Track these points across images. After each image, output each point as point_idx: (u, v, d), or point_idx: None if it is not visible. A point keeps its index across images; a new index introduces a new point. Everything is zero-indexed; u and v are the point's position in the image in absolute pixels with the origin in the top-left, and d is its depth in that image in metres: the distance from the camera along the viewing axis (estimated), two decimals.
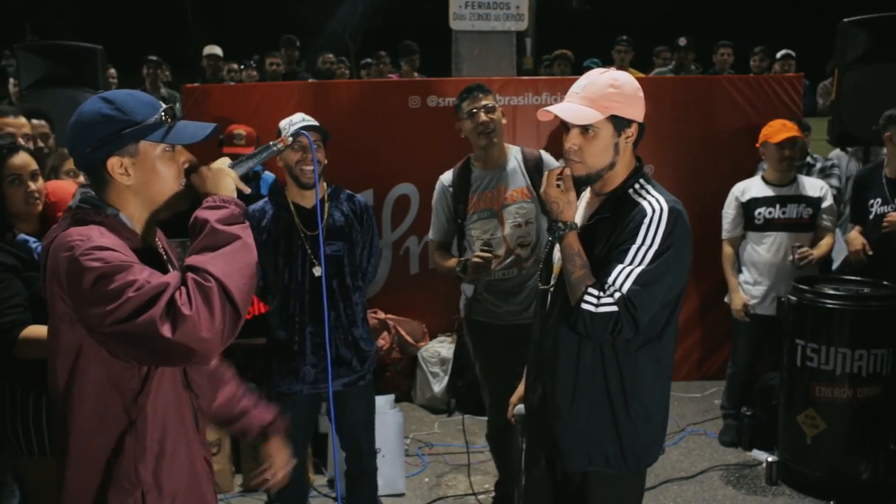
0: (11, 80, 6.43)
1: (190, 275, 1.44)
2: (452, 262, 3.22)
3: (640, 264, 1.96)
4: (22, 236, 2.42)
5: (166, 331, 1.36)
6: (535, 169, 3.26)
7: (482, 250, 3.06)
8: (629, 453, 2.14)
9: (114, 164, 1.58)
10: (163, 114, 1.61)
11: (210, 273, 1.44)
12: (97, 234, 1.51)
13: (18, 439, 2.42)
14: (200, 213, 1.56)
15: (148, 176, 1.61)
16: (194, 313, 1.38)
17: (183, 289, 1.41)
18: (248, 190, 1.72)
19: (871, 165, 4.31)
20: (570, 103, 2.06)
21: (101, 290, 1.41)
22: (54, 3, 17.97)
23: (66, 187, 2.75)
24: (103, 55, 4.80)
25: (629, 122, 2.08)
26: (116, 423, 1.56)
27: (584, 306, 1.97)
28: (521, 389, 2.48)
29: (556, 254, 2.22)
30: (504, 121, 3.29)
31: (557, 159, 3.37)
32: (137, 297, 1.39)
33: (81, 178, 3.07)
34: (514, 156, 3.30)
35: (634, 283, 1.94)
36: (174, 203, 1.67)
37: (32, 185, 2.46)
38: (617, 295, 1.94)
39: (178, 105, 1.37)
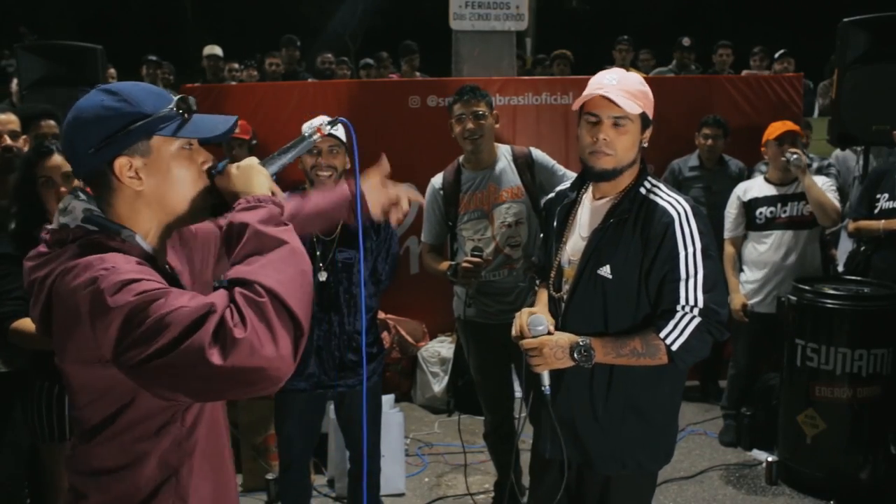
0: (15, 80, 6.41)
1: (237, 290, 1.21)
2: (444, 265, 3.22)
3: (696, 272, 2.00)
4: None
5: (216, 357, 1.14)
6: (525, 166, 3.27)
7: (472, 255, 3.06)
8: (661, 452, 2.18)
9: (122, 165, 1.34)
10: (176, 104, 1.37)
11: (261, 284, 1.21)
12: (122, 262, 1.27)
13: (42, 425, 2.61)
14: (236, 217, 1.33)
15: (163, 179, 1.37)
16: (250, 334, 1.16)
17: (232, 307, 1.18)
18: (280, 192, 1.46)
19: (889, 162, 4.31)
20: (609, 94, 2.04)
21: (136, 327, 1.19)
22: (54, 4, 17.96)
23: None
24: (103, 55, 4.79)
25: (649, 124, 2.11)
26: (154, 472, 1.37)
27: (675, 347, 1.99)
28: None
29: (566, 258, 2.21)
30: (497, 124, 3.29)
31: (556, 158, 3.38)
32: (177, 323, 1.17)
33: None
34: (503, 155, 3.30)
35: (703, 291, 1.99)
36: (194, 213, 1.44)
37: (63, 188, 2.54)
38: (696, 310, 1.98)
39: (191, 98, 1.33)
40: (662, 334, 1.99)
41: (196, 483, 1.41)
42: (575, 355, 2.02)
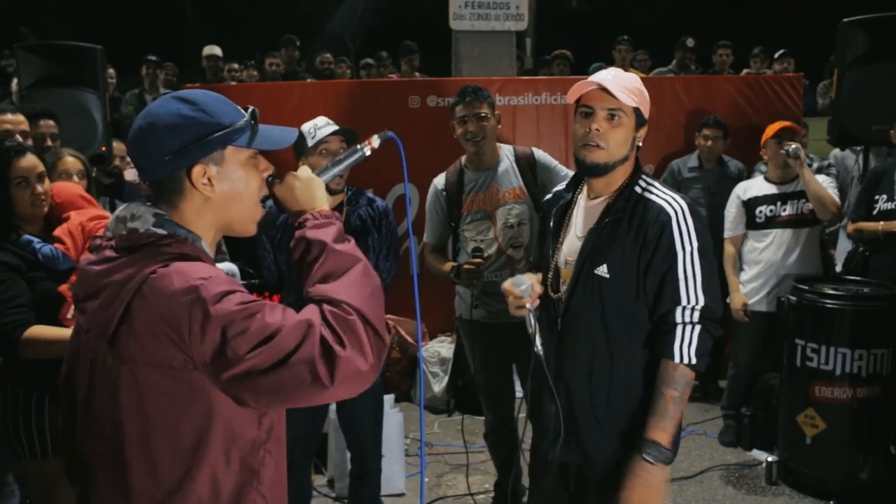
0: (15, 80, 6.41)
1: (328, 308, 1.30)
2: (447, 266, 3.22)
3: (694, 273, 2.01)
4: (26, 237, 2.44)
5: (324, 375, 1.22)
6: (527, 167, 3.27)
7: (473, 256, 3.06)
8: None
9: (198, 172, 1.39)
10: (250, 117, 1.44)
11: (348, 304, 1.30)
12: (216, 273, 1.33)
13: (21, 440, 2.44)
14: (310, 234, 1.40)
15: (232, 187, 1.42)
16: (349, 352, 1.25)
17: (325, 326, 1.26)
18: (328, 205, 1.50)
19: (888, 163, 4.31)
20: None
21: (238, 337, 1.24)
22: (54, 3, 17.96)
23: (71, 188, 2.75)
24: (103, 55, 4.78)
25: (644, 122, 2.11)
26: (235, 476, 1.36)
27: (694, 361, 2.01)
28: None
29: (563, 258, 2.21)
30: (499, 125, 3.29)
31: (556, 158, 3.38)
32: (283, 340, 1.23)
33: (75, 178, 3.05)
34: (506, 155, 3.30)
35: (703, 291, 2.01)
36: (254, 219, 1.49)
37: (39, 188, 2.46)
38: (698, 308, 2.01)
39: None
40: (677, 359, 2.01)
41: (273, 480, 1.44)
42: (649, 459, 2.01)
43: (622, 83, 2.06)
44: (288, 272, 2.95)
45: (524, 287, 2.13)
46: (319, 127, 2.85)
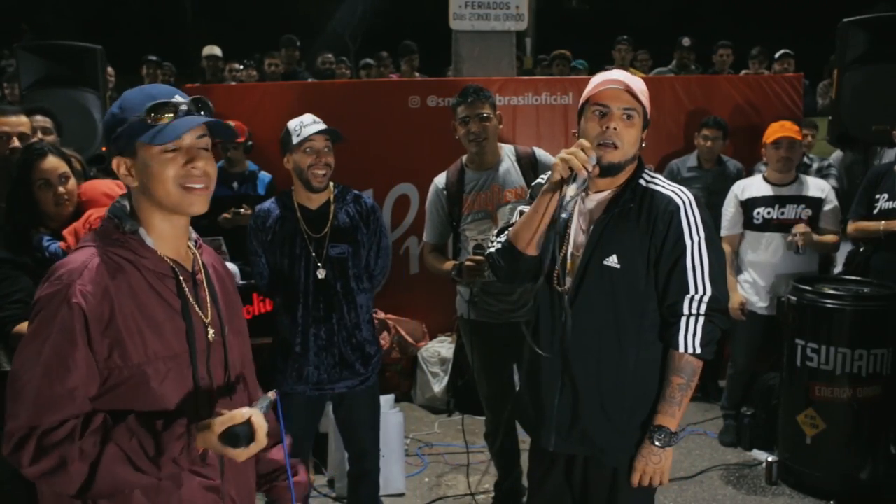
0: (5, 84, 6.39)
1: (80, 447, 1.37)
2: (448, 265, 3.22)
3: (702, 263, 2.06)
4: (41, 235, 2.49)
5: (7, 443, 1.38)
6: (529, 167, 3.28)
7: (475, 254, 3.06)
8: None
9: (117, 164, 1.52)
10: (148, 112, 1.46)
11: (97, 467, 1.38)
12: (87, 279, 1.43)
13: None
14: (170, 451, 1.41)
15: (146, 178, 1.49)
16: (31, 466, 1.38)
17: (66, 442, 1.37)
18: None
19: (889, 162, 4.32)
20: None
21: (29, 347, 1.43)
22: (54, 3, 17.97)
23: (99, 186, 2.79)
24: (103, 55, 4.79)
25: (648, 123, 2.15)
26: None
27: (699, 350, 2.09)
28: None
29: (570, 251, 2.20)
30: (500, 125, 3.29)
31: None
32: (33, 395, 1.39)
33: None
34: (507, 155, 3.30)
35: (710, 280, 2.07)
36: (177, 206, 1.54)
37: (61, 188, 2.52)
38: (706, 298, 2.06)
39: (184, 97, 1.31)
40: (682, 349, 2.07)
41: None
42: (657, 444, 2.09)
43: (634, 84, 2.09)
44: (278, 276, 2.94)
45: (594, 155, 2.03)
46: (305, 125, 2.84)
